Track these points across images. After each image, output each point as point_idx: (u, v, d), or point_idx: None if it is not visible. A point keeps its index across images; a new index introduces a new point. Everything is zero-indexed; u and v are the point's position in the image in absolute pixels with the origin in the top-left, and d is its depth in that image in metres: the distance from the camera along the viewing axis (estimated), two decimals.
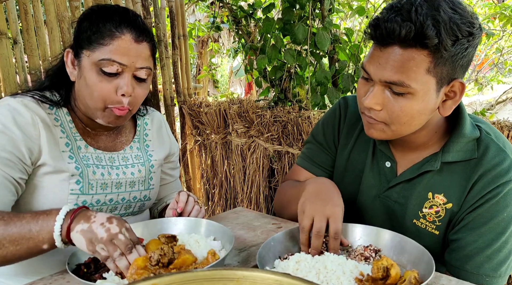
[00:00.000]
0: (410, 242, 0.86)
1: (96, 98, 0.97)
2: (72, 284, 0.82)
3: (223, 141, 2.48)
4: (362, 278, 0.76)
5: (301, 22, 2.04)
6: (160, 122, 1.26)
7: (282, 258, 0.87)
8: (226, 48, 5.87)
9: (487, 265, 0.90)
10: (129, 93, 0.97)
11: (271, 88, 2.37)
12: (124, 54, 0.95)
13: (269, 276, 0.51)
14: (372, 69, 0.88)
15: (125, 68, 0.96)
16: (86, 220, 0.80)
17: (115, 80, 0.96)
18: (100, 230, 0.78)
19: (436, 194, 0.96)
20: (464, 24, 0.81)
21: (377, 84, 0.88)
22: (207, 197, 2.73)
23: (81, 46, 0.98)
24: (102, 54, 0.95)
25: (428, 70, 0.83)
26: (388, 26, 0.82)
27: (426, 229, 0.98)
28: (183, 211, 1.02)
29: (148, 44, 1.00)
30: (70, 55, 1.01)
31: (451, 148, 0.94)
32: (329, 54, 2.22)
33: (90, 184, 1.03)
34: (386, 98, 0.88)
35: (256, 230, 1.10)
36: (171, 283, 0.51)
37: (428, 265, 0.75)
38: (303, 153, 1.24)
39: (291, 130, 2.07)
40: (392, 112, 0.88)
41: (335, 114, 1.17)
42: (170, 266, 0.77)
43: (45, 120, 0.99)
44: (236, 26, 2.48)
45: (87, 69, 0.97)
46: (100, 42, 0.95)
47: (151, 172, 1.17)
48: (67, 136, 1.03)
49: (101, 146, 1.10)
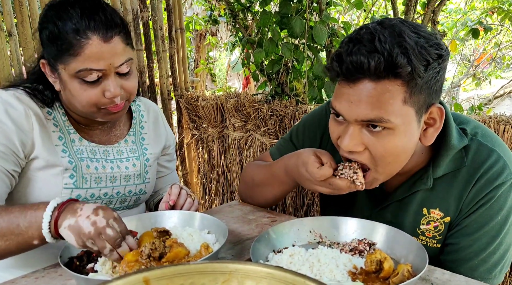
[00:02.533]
0: (405, 236, 0.86)
1: (86, 106, 0.95)
2: (65, 277, 0.82)
3: (220, 135, 2.47)
4: (356, 271, 0.76)
5: (299, 15, 2.02)
6: (156, 114, 1.24)
7: (276, 252, 0.87)
8: (223, 42, 5.84)
9: (481, 268, 0.89)
10: (118, 94, 0.94)
11: (268, 82, 2.36)
12: (99, 59, 0.90)
13: (261, 269, 0.50)
14: (343, 109, 0.80)
15: (105, 71, 0.92)
16: (72, 214, 0.78)
17: (99, 85, 0.93)
18: (86, 224, 0.76)
19: (431, 209, 0.93)
20: (432, 47, 0.76)
21: (352, 124, 0.81)
22: (204, 191, 2.73)
23: (53, 58, 0.93)
24: (77, 65, 0.90)
25: (404, 101, 0.77)
26: (354, 60, 0.75)
27: (428, 245, 0.95)
28: (175, 204, 1.02)
29: (119, 36, 0.93)
30: (46, 67, 0.97)
31: (442, 162, 0.90)
32: (327, 48, 2.20)
33: (84, 178, 1.02)
34: (366, 138, 0.81)
35: (251, 224, 1.10)
36: (162, 276, 0.50)
37: (422, 258, 0.75)
38: (279, 143, 1.20)
39: (288, 124, 2.06)
40: (375, 153, 0.81)
41: (320, 120, 1.11)
42: (163, 259, 0.77)
43: (38, 114, 0.97)
44: (234, 20, 2.46)
45: (68, 82, 0.93)
46: (70, 53, 0.90)
47: (147, 166, 1.16)
48: (60, 130, 1.02)
49: (95, 140, 1.09)
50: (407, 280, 0.69)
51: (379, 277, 0.72)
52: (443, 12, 3.51)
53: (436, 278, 0.79)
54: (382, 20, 0.80)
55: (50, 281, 0.80)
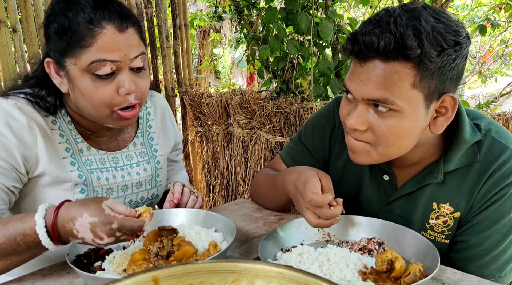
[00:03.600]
0: (414, 235, 0.84)
1: (99, 106, 0.88)
2: (72, 275, 0.81)
3: (224, 132, 2.47)
4: (366, 271, 0.75)
5: (304, 12, 2.01)
6: (163, 109, 1.19)
7: (285, 250, 0.86)
8: (228, 39, 5.82)
9: (492, 266, 0.88)
10: (133, 90, 0.88)
11: (273, 79, 2.35)
12: (113, 49, 0.84)
13: (271, 268, 0.50)
14: (353, 87, 0.82)
15: (120, 64, 0.86)
16: (72, 237, 0.73)
17: (113, 81, 0.87)
18: (87, 234, 0.72)
19: (441, 203, 0.92)
20: (448, 33, 0.75)
21: (360, 103, 0.82)
22: (208, 188, 2.72)
23: (61, 54, 0.86)
24: (89, 57, 0.83)
25: (413, 84, 0.77)
26: (366, 39, 0.77)
27: (436, 240, 0.94)
28: (179, 202, 1.01)
29: (134, 28, 0.89)
30: (52, 66, 0.90)
31: (453, 157, 0.88)
32: (332, 44, 2.19)
33: (95, 191, 0.98)
34: (371, 118, 0.82)
35: (258, 222, 1.09)
36: (171, 275, 0.50)
37: (433, 258, 0.74)
38: (288, 147, 1.19)
39: (293, 122, 2.05)
40: (379, 132, 0.82)
41: (328, 118, 1.10)
42: (171, 258, 0.76)
43: (42, 126, 0.91)
44: (238, 16, 2.45)
45: (78, 78, 0.86)
46: (81, 45, 0.83)
47: (158, 168, 1.12)
48: (66, 140, 0.96)
49: (103, 147, 1.04)
50: (419, 280, 0.67)
51: (390, 277, 0.71)
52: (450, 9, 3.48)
53: (447, 278, 0.78)
54: (406, 3, 0.81)
55: (57, 279, 0.80)
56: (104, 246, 0.75)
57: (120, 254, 0.80)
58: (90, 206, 0.73)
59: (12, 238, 0.74)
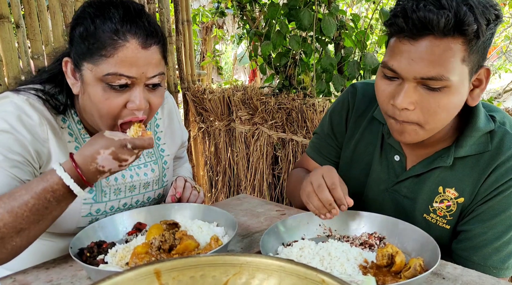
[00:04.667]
0: (415, 230, 0.85)
1: (104, 116, 0.86)
2: (75, 268, 0.82)
3: (226, 128, 2.47)
4: (366, 265, 0.75)
5: (307, 7, 2.00)
6: (170, 108, 1.17)
7: (286, 245, 0.87)
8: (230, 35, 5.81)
9: (495, 257, 0.88)
10: (143, 108, 0.86)
11: (275, 75, 2.35)
12: (132, 65, 0.82)
13: (272, 262, 0.50)
14: (402, 66, 0.79)
15: (135, 80, 0.83)
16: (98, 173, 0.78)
17: (124, 94, 0.84)
18: (109, 159, 0.77)
19: (447, 188, 0.93)
20: (492, 7, 0.76)
21: (408, 82, 0.80)
22: (210, 184, 2.73)
23: (80, 57, 0.85)
24: (106, 68, 0.82)
25: (463, 59, 0.78)
26: (421, 16, 0.74)
27: (437, 223, 0.95)
28: (181, 197, 1.01)
29: (157, 47, 0.86)
30: (69, 66, 0.89)
31: (465, 143, 0.89)
32: (335, 40, 2.18)
33: (103, 191, 0.98)
34: (420, 96, 0.81)
35: (259, 217, 1.10)
36: (173, 268, 0.50)
37: (434, 252, 0.74)
38: (312, 142, 1.22)
39: (296, 118, 2.05)
40: (428, 110, 0.81)
41: (343, 104, 1.12)
42: (172, 251, 0.77)
43: (52, 123, 0.90)
44: (241, 12, 2.44)
45: (91, 85, 0.85)
46: (101, 53, 0.82)
47: (165, 169, 1.12)
48: (75, 139, 0.95)
49: None
50: (419, 274, 0.68)
51: (390, 271, 0.72)
52: None
53: (448, 272, 0.78)
54: None
55: (61, 272, 0.80)
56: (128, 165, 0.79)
57: (123, 247, 0.81)
58: (99, 142, 0.77)
59: (42, 197, 0.76)
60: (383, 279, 0.70)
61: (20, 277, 0.79)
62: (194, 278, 0.51)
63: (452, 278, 0.76)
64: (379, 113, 1.02)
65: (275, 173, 2.30)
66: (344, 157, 1.13)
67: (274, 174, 2.30)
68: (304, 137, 2.06)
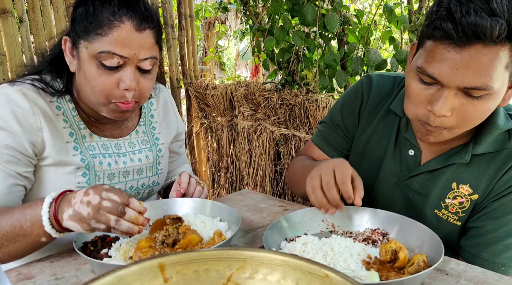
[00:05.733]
0: (419, 226, 0.84)
1: (97, 93, 0.90)
2: (79, 261, 0.82)
3: (229, 124, 2.47)
4: (370, 260, 0.75)
5: (310, 3, 1.99)
6: (165, 100, 1.21)
7: (289, 240, 0.87)
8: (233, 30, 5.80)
9: (505, 254, 0.88)
10: (133, 88, 0.90)
11: (278, 70, 2.35)
12: (125, 45, 0.87)
13: (276, 256, 0.50)
14: (445, 75, 0.75)
15: (127, 60, 0.88)
16: (68, 205, 0.76)
17: (116, 74, 0.89)
18: (83, 207, 0.74)
19: (461, 184, 0.92)
20: None
21: (449, 89, 0.76)
22: (212, 180, 2.74)
23: (78, 35, 0.90)
24: (101, 46, 0.86)
25: (507, 66, 0.74)
26: (472, 22, 0.69)
27: (448, 220, 0.94)
28: (186, 193, 1.02)
29: (151, 31, 0.91)
30: (68, 44, 0.93)
31: (483, 140, 0.88)
32: (338, 36, 2.18)
33: (97, 175, 1.00)
34: (459, 103, 0.77)
35: (262, 212, 1.10)
36: (177, 262, 0.50)
37: (437, 248, 0.74)
38: (318, 130, 1.19)
39: (298, 114, 2.05)
40: (465, 116, 0.78)
41: (357, 94, 1.09)
42: (176, 246, 0.77)
43: (46, 111, 0.93)
44: (244, 7, 2.43)
45: (86, 62, 0.89)
46: (97, 32, 0.87)
47: (159, 156, 1.14)
48: (70, 125, 0.98)
49: (106, 133, 1.06)
50: (422, 270, 0.68)
51: (393, 267, 0.72)
52: None
53: (451, 268, 0.78)
54: None
55: (65, 265, 0.81)
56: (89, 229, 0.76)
57: (127, 241, 0.82)
58: (86, 189, 0.77)
59: (19, 225, 0.78)
60: (387, 275, 0.70)
61: (25, 270, 0.80)
62: (197, 272, 0.51)
63: (455, 274, 0.76)
64: (397, 106, 1.00)
65: (277, 169, 2.30)
66: (355, 149, 1.11)
67: (277, 169, 2.30)
68: (307, 133, 2.05)
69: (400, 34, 2.36)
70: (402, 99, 1.00)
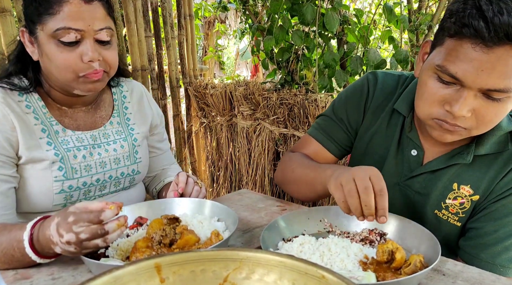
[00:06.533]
0: (416, 226, 0.85)
1: (63, 70, 0.93)
2: (76, 262, 0.82)
3: (228, 123, 2.47)
4: (367, 261, 0.75)
5: (310, 2, 1.99)
6: (140, 93, 1.22)
7: (286, 240, 0.87)
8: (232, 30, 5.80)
9: (504, 256, 0.88)
10: (96, 58, 0.93)
11: (277, 70, 2.35)
12: (78, 18, 0.90)
13: (272, 257, 0.50)
14: (468, 75, 0.73)
15: (84, 33, 0.91)
16: (52, 243, 0.74)
17: (77, 49, 0.92)
18: (67, 247, 0.72)
19: (462, 185, 0.91)
20: None
21: (469, 90, 0.75)
22: (212, 179, 2.74)
23: (32, 21, 0.93)
24: (55, 24, 0.90)
25: None
26: (504, 22, 0.67)
27: (448, 220, 0.94)
28: (183, 192, 1.02)
29: (100, 3, 0.95)
30: (26, 35, 0.96)
31: (486, 141, 0.88)
32: (338, 35, 2.18)
33: (73, 168, 1.01)
34: (479, 104, 0.76)
35: (260, 212, 1.10)
36: (173, 262, 0.50)
37: (434, 249, 0.74)
38: (317, 123, 1.14)
39: (298, 113, 2.05)
40: (484, 117, 0.77)
41: (362, 90, 1.07)
42: (173, 246, 0.77)
43: (15, 110, 0.95)
44: (243, 6, 2.43)
45: (45, 44, 0.92)
46: (49, 12, 0.90)
47: (135, 145, 1.15)
48: (42, 122, 0.99)
49: (80, 124, 1.07)
50: (419, 270, 0.68)
51: (390, 267, 0.72)
52: None
53: (448, 269, 0.78)
54: None
55: (62, 265, 0.81)
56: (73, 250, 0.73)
57: (124, 242, 0.82)
58: (59, 212, 0.76)
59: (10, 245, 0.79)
60: (383, 275, 0.70)
61: (22, 270, 0.80)
62: (194, 273, 0.51)
63: (452, 275, 0.76)
64: (401, 106, 0.99)
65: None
66: (358, 147, 1.09)
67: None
68: None
69: (399, 34, 2.36)
70: (407, 98, 1.00)
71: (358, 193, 0.77)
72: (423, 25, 2.17)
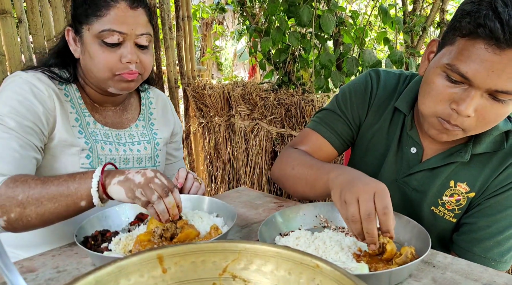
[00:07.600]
0: (409, 221, 0.87)
1: (102, 68, 0.99)
2: (80, 255, 0.85)
3: (226, 123, 2.49)
4: (360, 253, 0.78)
5: (306, 4, 2.02)
6: (165, 101, 1.29)
7: (283, 235, 0.90)
8: (230, 31, 5.82)
9: (496, 250, 0.90)
10: (134, 61, 1.00)
11: (275, 71, 2.37)
12: (122, 22, 0.97)
13: (269, 248, 0.53)
14: (479, 76, 0.73)
15: (126, 36, 0.98)
16: (121, 173, 0.84)
17: (118, 50, 0.99)
18: (136, 176, 0.82)
19: (459, 182, 0.94)
20: None
21: (476, 90, 0.75)
22: (210, 179, 2.76)
23: (79, 22, 1.00)
24: (101, 25, 0.97)
25: None
26: None
27: (444, 217, 0.96)
28: (183, 188, 1.05)
29: (144, 10, 1.02)
30: (71, 33, 1.04)
31: (483, 140, 0.90)
32: (334, 37, 2.21)
33: (99, 158, 1.06)
34: (482, 104, 0.77)
35: (258, 208, 1.13)
36: (174, 254, 0.52)
37: (424, 242, 0.77)
38: (318, 117, 1.12)
39: (294, 113, 2.08)
40: (484, 118, 0.78)
41: (367, 86, 1.07)
42: (174, 240, 0.80)
43: (58, 94, 1.02)
44: (241, 8, 2.46)
45: (89, 43, 0.99)
46: (96, 14, 0.97)
47: (157, 149, 1.20)
48: (76, 111, 1.06)
49: (108, 122, 1.12)
50: (410, 261, 0.71)
51: (382, 258, 0.75)
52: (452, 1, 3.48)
53: (438, 261, 0.81)
54: None
55: (66, 259, 0.83)
56: (131, 197, 0.82)
57: (126, 236, 0.84)
58: None
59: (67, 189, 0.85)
60: (375, 266, 0.73)
61: (27, 263, 0.82)
62: (195, 263, 0.53)
63: (442, 266, 0.79)
64: (402, 104, 1.01)
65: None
66: (360, 144, 1.10)
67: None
68: None
69: (394, 35, 2.39)
70: (407, 97, 1.01)
71: (361, 218, 0.73)
72: (418, 26, 2.21)
